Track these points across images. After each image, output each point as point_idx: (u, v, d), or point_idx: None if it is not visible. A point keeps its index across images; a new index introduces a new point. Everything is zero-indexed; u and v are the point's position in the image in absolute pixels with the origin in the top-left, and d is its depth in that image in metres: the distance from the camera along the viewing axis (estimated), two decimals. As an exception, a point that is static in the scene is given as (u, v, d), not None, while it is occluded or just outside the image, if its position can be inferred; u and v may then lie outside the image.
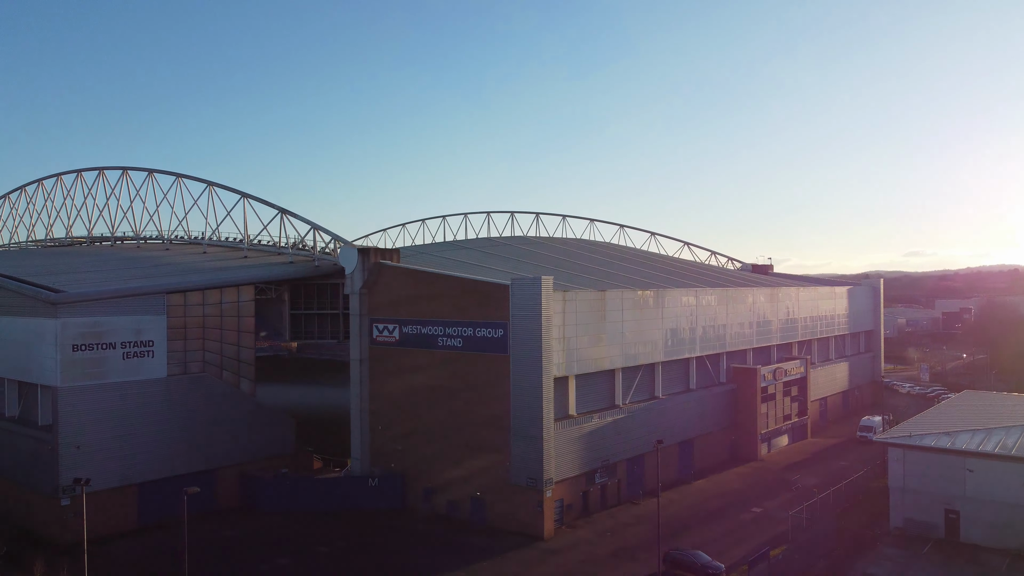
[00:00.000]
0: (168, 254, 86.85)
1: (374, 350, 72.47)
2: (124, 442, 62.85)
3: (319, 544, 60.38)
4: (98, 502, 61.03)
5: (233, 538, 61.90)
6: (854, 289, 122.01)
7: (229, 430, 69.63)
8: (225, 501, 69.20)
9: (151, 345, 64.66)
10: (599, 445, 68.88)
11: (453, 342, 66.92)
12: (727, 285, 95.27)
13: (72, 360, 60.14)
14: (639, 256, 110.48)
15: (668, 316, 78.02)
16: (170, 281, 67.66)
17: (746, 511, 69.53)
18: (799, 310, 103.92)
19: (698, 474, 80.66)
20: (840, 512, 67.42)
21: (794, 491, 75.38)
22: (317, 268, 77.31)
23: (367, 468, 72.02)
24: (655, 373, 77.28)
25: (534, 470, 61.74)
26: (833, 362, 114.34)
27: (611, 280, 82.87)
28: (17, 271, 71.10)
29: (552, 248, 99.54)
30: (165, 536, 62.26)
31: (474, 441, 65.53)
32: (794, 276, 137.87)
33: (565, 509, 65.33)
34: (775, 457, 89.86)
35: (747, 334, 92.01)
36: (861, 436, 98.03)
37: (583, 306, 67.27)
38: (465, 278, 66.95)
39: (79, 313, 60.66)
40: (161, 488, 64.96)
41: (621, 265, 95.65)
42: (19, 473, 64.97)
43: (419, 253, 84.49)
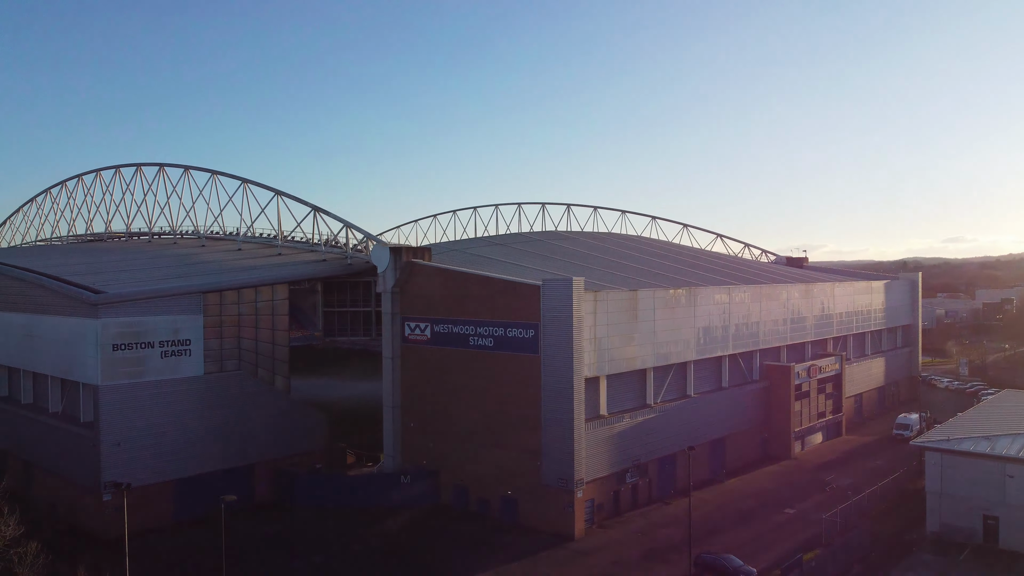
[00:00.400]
0: (204, 251, 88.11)
1: (406, 348, 73.00)
2: (162, 439, 64.15)
3: (353, 542, 61.23)
4: (137, 497, 62.20)
5: (268, 535, 62.98)
6: (891, 283, 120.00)
7: (264, 426, 70.71)
8: (261, 496, 70.38)
9: (188, 344, 65.80)
10: (630, 445, 68.82)
11: (484, 342, 67.15)
12: (761, 281, 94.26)
13: (112, 359, 61.46)
14: (671, 250, 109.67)
15: (700, 314, 77.45)
16: (206, 281, 68.71)
17: (779, 512, 69.05)
18: (834, 305, 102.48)
19: (730, 473, 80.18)
20: (875, 515, 66.75)
21: (828, 492, 74.73)
22: (349, 266, 77.96)
23: (399, 465, 72.75)
24: (687, 372, 76.86)
25: (565, 471, 61.90)
26: (869, 358, 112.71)
27: (642, 277, 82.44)
28: (58, 270, 72.72)
29: (583, 243, 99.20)
30: (202, 531, 63.49)
31: (505, 440, 65.82)
32: (829, 269, 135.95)
33: (596, 509, 65.46)
34: (808, 455, 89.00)
35: (781, 331, 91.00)
36: (897, 434, 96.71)
37: (614, 306, 67.06)
38: (496, 278, 67.06)
39: (119, 313, 61.91)
40: (198, 484, 66.30)
41: (653, 261, 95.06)
42: (63, 467, 66.75)
43: (450, 250, 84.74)
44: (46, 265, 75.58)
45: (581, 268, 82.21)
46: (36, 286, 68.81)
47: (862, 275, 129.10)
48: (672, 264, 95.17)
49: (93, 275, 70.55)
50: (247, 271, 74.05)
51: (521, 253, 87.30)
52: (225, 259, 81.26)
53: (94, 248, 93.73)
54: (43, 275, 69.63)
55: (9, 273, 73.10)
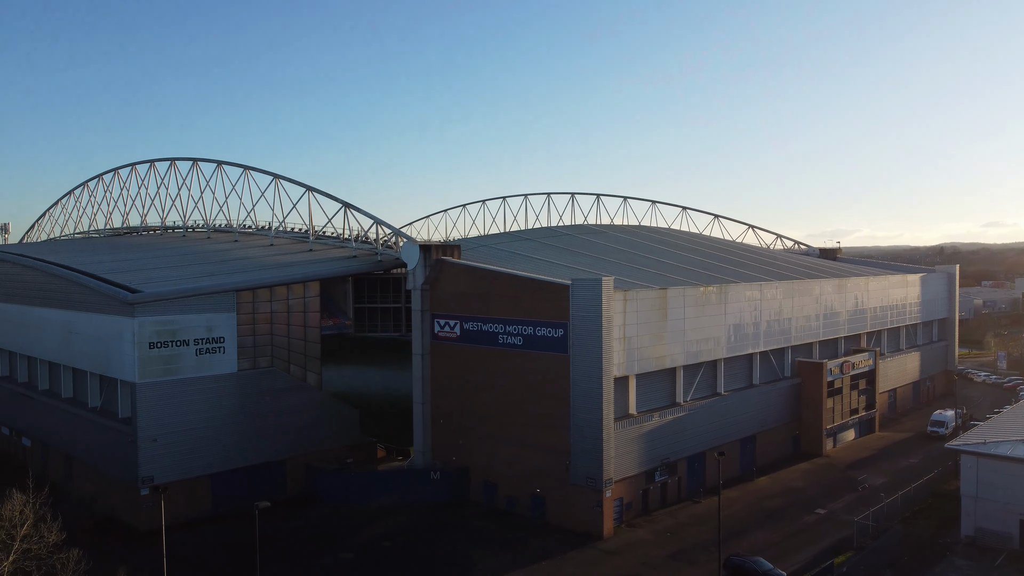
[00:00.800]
0: (236, 246, 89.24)
1: (435, 345, 73.41)
2: (198, 434, 65.34)
3: (382, 538, 61.99)
4: (173, 492, 63.46)
5: (299, 530, 64.01)
6: (927, 276, 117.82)
7: (297, 422, 71.68)
8: (293, 490, 71.46)
9: (222, 341, 66.82)
10: (659, 444, 68.69)
11: (513, 340, 67.28)
12: (793, 276, 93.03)
13: (149, 357, 62.65)
14: (701, 243, 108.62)
15: (731, 312, 76.80)
16: (240, 279, 69.60)
17: (809, 512, 68.54)
18: (868, 300, 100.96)
19: (760, 470, 79.67)
20: (908, 517, 65.98)
21: (860, 492, 74.02)
22: (379, 262, 78.44)
23: (428, 461, 73.36)
24: (717, 369, 76.37)
25: (593, 470, 61.99)
26: (904, 352, 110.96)
27: (672, 273, 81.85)
28: (96, 267, 74.16)
29: (612, 237, 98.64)
30: (236, 525, 64.78)
31: (533, 439, 66.03)
32: (863, 261, 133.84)
33: (625, 508, 65.53)
34: (840, 453, 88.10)
35: (813, 327, 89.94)
36: (932, 431, 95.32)
37: (644, 305, 66.76)
38: (525, 277, 67.05)
39: (155, 312, 63.02)
40: (233, 478, 67.60)
41: (683, 255, 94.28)
42: (101, 461, 68.37)
43: (478, 246, 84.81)
44: (84, 262, 77.08)
45: (610, 264, 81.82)
46: (75, 284, 70.20)
47: (897, 267, 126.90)
48: (702, 259, 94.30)
49: (130, 273, 71.83)
50: (279, 268, 74.87)
51: (549, 248, 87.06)
52: (257, 255, 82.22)
53: (130, 244, 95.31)
54: (81, 273, 71.04)
55: (49, 271, 74.67)
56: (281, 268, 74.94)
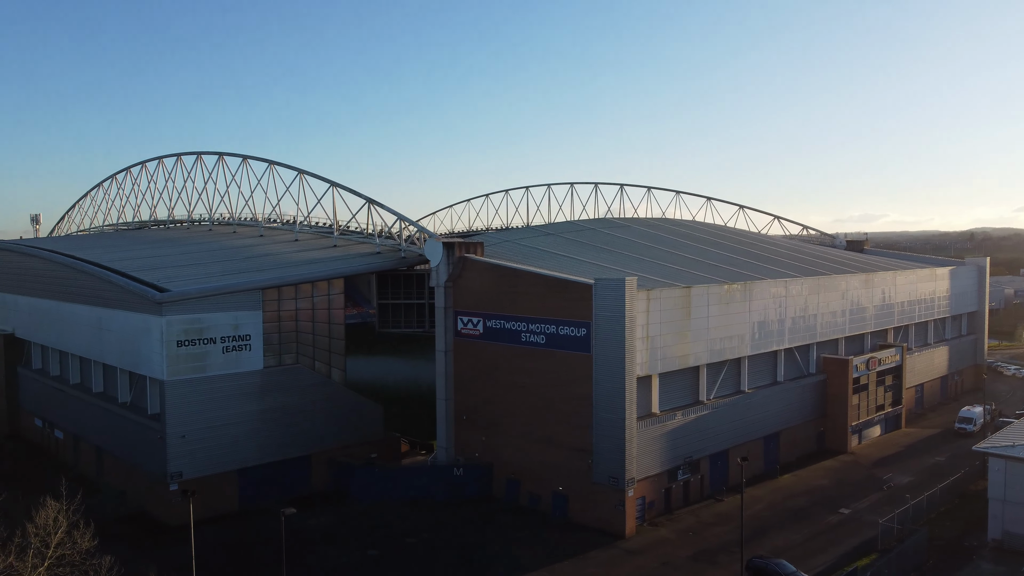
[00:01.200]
0: (262, 241, 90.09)
1: (458, 342, 73.75)
2: (225, 431, 66.34)
3: (406, 535, 62.66)
4: (201, 487, 64.71)
5: (324, 526, 64.84)
6: (957, 269, 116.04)
7: (322, 417, 72.48)
8: (318, 485, 72.38)
9: (248, 339, 67.64)
10: (682, 442, 68.61)
11: (536, 339, 67.40)
12: (819, 271, 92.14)
13: (177, 355, 63.60)
14: (726, 237, 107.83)
15: (755, 309, 76.28)
16: (265, 277, 70.31)
17: (833, 512, 68.17)
18: (896, 294, 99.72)
19: (784, 468, 79.32)
20: (934, 518, 65.46)
21: (885, 491, 73.50)
22: (403, 259, 78.81)
23: (452, 457, 73.92)
24: (741, 367, 75.99)
25: (616, 470, 62.12)
26: (932, 346, 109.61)
27: (696, 269, 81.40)
28: (125, 265, 75.28)
29: (635, 231, 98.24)
30: (263, 520, 65.76)
31: (556, 437, 66.27)
32: (891, 253, 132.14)
33: (647, 506, 65.64)
34: (866, 449, 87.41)
35: (839, 323, 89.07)
36: (959, 428, 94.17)
37: (667, 304, 66.51)
38: (548, 276, 67.03)
39: (183, 310, 63.90)
40: (259, 473, 68.61)
41: (707, 250, 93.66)
42: (131, 456, 69.68)
43: (503, 241, 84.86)
44: (113, 259, 78.25)
45: (633, 260, 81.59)
46: (105, 282, 71.30)
47: (925, 260, 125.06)
48: (727, 253, 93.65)
49: (158, 271, 72.82)
50: (304, 265, 75.47)
51: (572, 244, 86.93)
52: (282, 251, 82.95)
53: (158, 239, 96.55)
54: (111, 271, 72.16)
55: (80, 268, 75.90)
56: (306, 265, 75.54)
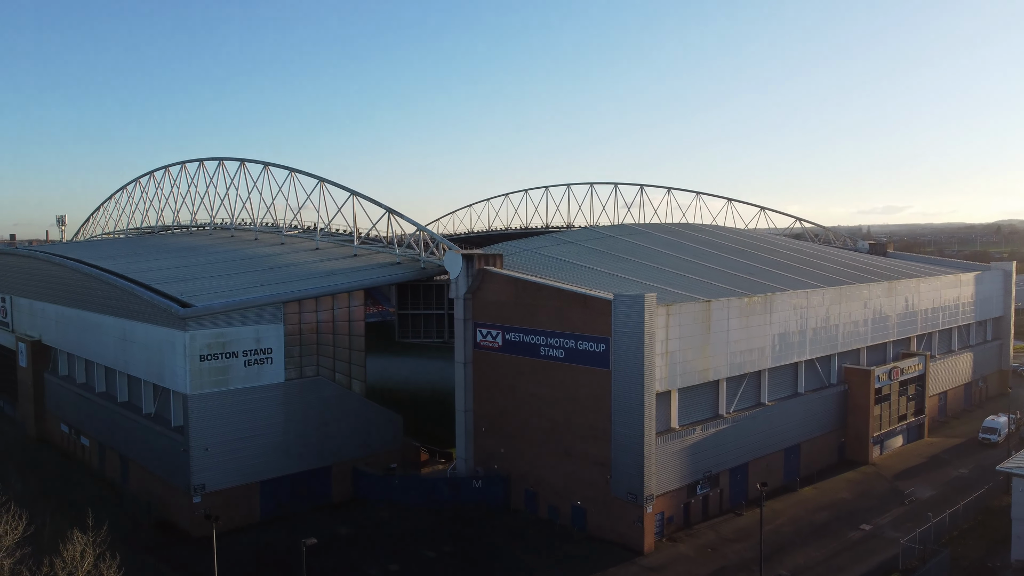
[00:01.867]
0: (283, 250, 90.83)
1: (478, 354, 74.02)
2: (247, 443, 67.09)
3: (427, 548, 63.10)
4: (224, 498, 65.99)
5: (346, 537, 65.48)
6: (982, 275, 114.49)
7: (342, 428, 73.08)
8: (339, 495, 73.05)
9: (270, 352, 68.29)
10: (702, 457, 68.48)
11: (555, 352, 67.49)
12: (841, 279, 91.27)
13: (200, 369, 64.37)
14: (746, 243, 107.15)
15: (776, 321, 75.84)
16: (287, 290, 70.86)
17: (854, 528, 67.77)
18: (919, 302, 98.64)
19: (805, 480, 78.91)
20: (956, 536, 64.92)
21: (907, 505, 72.97)
22: (423, 270, 79.16)
23: (471, 468, 74.32)
24: (761, 379, 75.63)
25: (635, 485, 62.16)
26: (956, 353, 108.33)
27: (716, 279, 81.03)
28: (149, 276, 76.23)
29: (655, 239, 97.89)
30: (285, 530, 66.72)
31: (575, 451, 66.40)
32: (914, 256, 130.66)
33: (666, 521, 65.64)
34: (888, 460, 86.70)
35: (861, 332, 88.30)
36: (983, 439, 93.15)
37: (687, 318, 66.32)
38: (567, 290, 67.02)
39: (205, 325, 64.62)
40: (281, 484, 69.37)
41: (727, 258, 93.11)
42: (156, 466, 70.68)
43: (521, 251, 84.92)
44: (138, 270, 79.24)
45: (653, 270, 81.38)
46: (130, 295, 72.20)
47: (950, 264, 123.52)
48: (747, 261, 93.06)
49: (181, 283, 73.65)
50: (325, 277, 75.99)
51: (592, 253, 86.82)
52: (303, 261, 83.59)
53: (181, 247, 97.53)
54: (136, 283, 73.09)
55: (106, 279, 76.87)
56: (326, 277, 76.05)
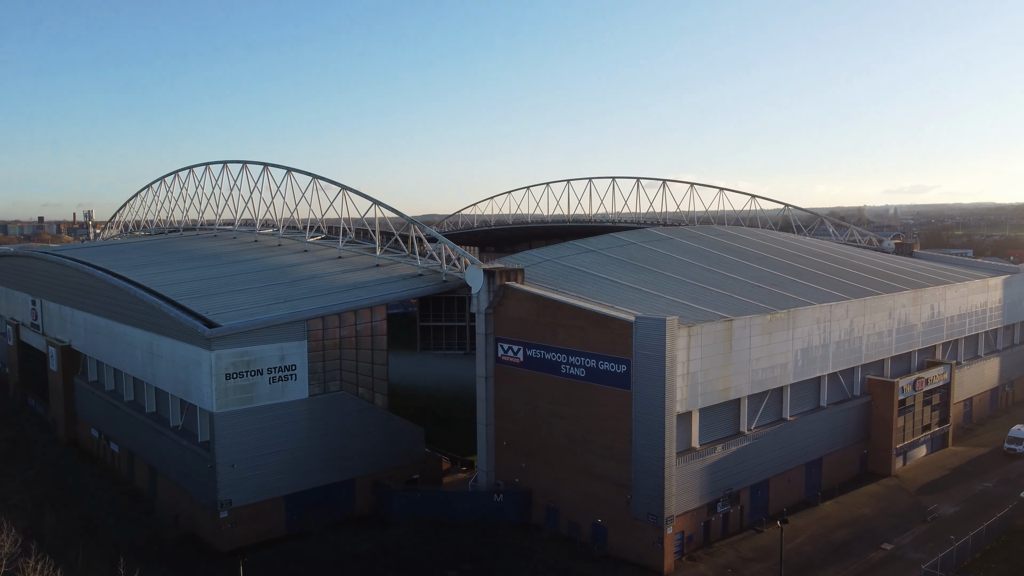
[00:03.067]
0: (306, 259, 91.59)
1: (499, 368, 74.41)
2: (272, 458, 68.17)
3: (447, 567, 63.92)
4: (250, 513, 67.27)
5: (367, 554, 66.47)
6: (1011, 279, 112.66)
7: (365, 442, 73.96)
8: (361, 508, 74.08)
9: (294, 369, 69.14)
10: (722, 475, 68.57)
11: (575, 371, 67.67)
12: (866, 288, 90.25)
13: (226, 388, 65.38)
14: (769, 247, 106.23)
15: (799, 336, 75.40)
16: (310, 308, 71.50)
17: (875, 548, 67.62)
18: (945, 309, 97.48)
19: (826, 494, 78.63)
20: (978, 558, 64.64)
21: (929, 523, 72.67)
22: (445, 283, 79.54)
23: (492, 481, 74.98)
24: (783, 394, 75.36)
25: (655, 507, 62.45)
26: (982, 359, 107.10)
27: (738, 290, 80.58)
28: (174, 290, 77.31)
29: (676, 245, 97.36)
30: (309, 544, 67.95)
31: (595, 470, 66.73)
32: (942, 259, 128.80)
33: (686, 541, 65.94)
34: (911, 472, 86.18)
35: (885, 343, 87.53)
36: (1009, 449, 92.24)
37: (708, 339, 66.15)
38: (589, 310, 67.00)
39: (231, 344, 65.52)
40: (305, 498, 70.46)
41: (748, 266, 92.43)
42: (183, 480, 72.05)
43: (543, 260, 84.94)
44: (164, 283, 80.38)
45: (674, 282, 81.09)
46: (157, 311, 73.26)
47: (978, 266, 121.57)
48: (769, 269, 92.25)
49: (206, 298, 74.62)
50: (347, 292, 76.59)
51: (613, 263, 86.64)
52: (326, 272, 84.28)
53: (206, 254, 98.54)
54: (163, 299, 74.21)
55: (134, 294, 77.98)
56: (349, 292, 76.65)
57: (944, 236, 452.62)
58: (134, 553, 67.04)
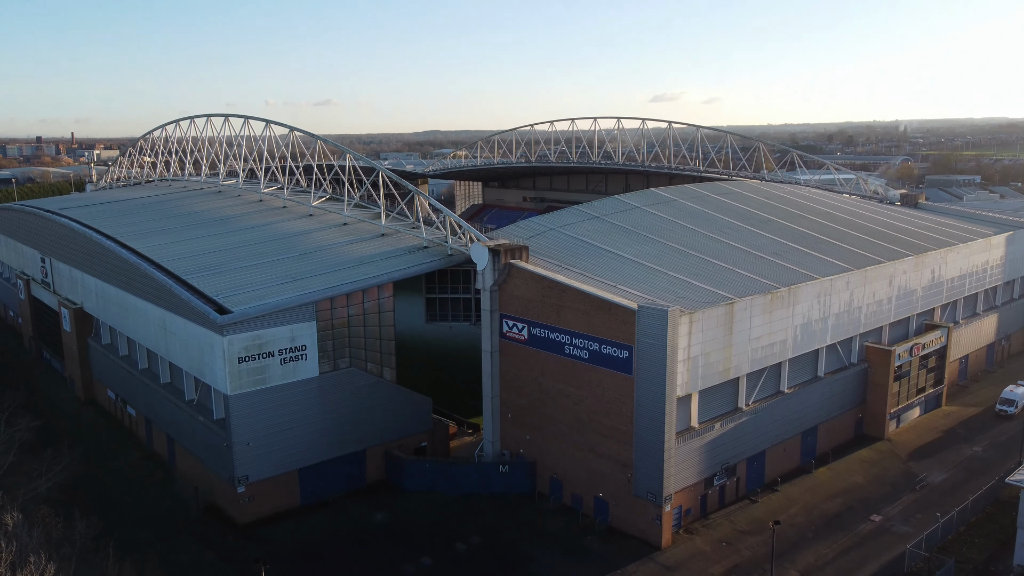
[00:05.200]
0: (312, 225, 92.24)
1: (504, 344, 76.05)
2: (285, 435, 70.62)
3: (456, 539, 67.10)
4: (266, 487, 70.25)
5: (379, 525, 69.64)
6: (1015, 235, 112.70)
7: (375, 415, 76.30)
8: (372, 476, 77.07)
9: (304, 349, 70.83)
10: (720, 450, 71.03)
11: (579, 352, 69.26)
12: (867, 253, 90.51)
13: (239, 371, 67.23)
14: (772, 204, 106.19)
15: (799, 312, 76.60)
16: (319, 288, 72.56)
17: (864, 519, 70.53)
18: (946, 272, 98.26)
19: (820, 459, 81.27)
20: (963, 531, 67.57)
21: (918, 492, 75.54)
22: (450, 257, 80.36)
23: (497, 451, 77.73)
24: (781, 369, 77.13)
25: (654, 487, 65.09)
26: (980, 316, 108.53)
27: (739, 262, 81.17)
28: (183, 265, 78.35)
29: (680, 208, 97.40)
30: (323, 515, 71.31)
31: (598, 448, 69.13)
32: (948, 211, 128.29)
33: (683, 514, 68.91)
34: (904, 435, 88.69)
35: (885, 310, 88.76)
36: (1000, 410, 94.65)
37: (710, 323, 67.43)
38: (593, 295, 67.96)
39: (243, 329, 67.01)
40: (318, 470, 73.30)
41: (750, 232, 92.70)
42: (200, 453, 74.79)
43: (548, 230, 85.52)
44: (172, 256, 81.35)
45: (677, 255, 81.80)
46: (168, 291, 74.48)
47: (983, 220, 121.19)
48: (771, 236, 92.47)
49: (215, 275, 75.75)
50: (354, 268, 77.47)
51: (617, 231, 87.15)
52: (332, 243, 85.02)
53: (213, 218, 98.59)
54: (173, 278, 75.30)
55: (144, 270, 78.98)
56: (356, 268, 77.54)
57: (952, 161, 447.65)
58: (160, 523, 70.86)
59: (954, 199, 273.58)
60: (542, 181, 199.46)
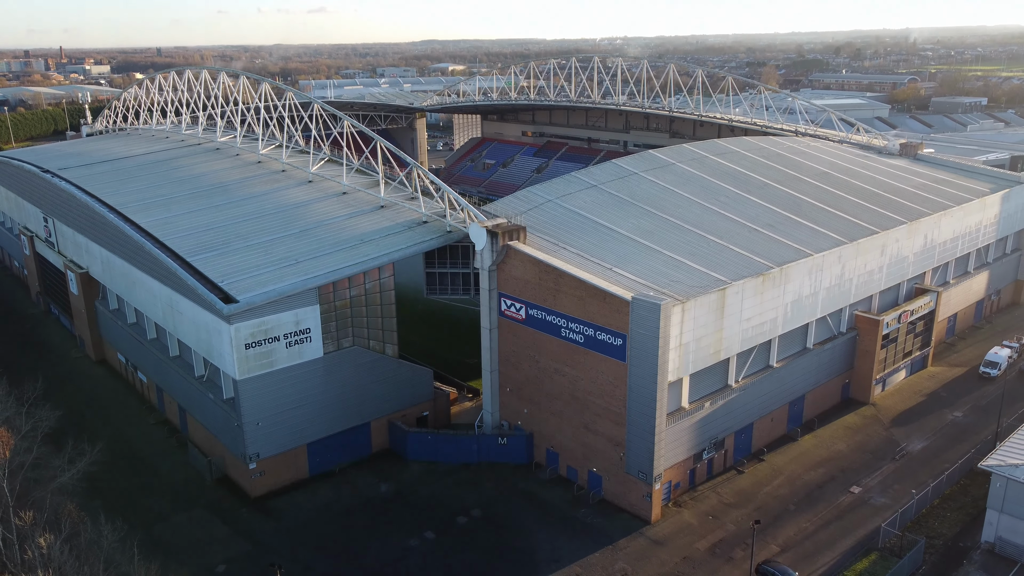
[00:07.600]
0: (311, 194, 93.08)
1: (503, 321, 78.26)
2: (293, 413, 73.71)
3: (457, 513, 71.06)
4: (276, 463, 73.88)
5: (384, 497, 73.50)
6: (1010, 192, 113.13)
7: (378, 389, 79.24)
8: (377, 445, 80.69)
9: (308, 332, 73.07)
10: (710, 427, 74.18)
11: (575, 336, 71.51)
12: (860, 222, 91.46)
13: (246, 356, 69.66)
14: (770, 166, 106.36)
15: (790, 291, 78.44)
16: (322, 272, 74.15)
17: (845, 491, 74.14)
18: (939, 235, 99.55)
19: (806, 426, 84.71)
20: (936, 504, 71.30)
21: (898, 461, 79.09)
22: (449, 234, 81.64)
23: (497, 422, 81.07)
24: (771, 344, 79.51)
25: (645, 466, 68.48)
26: (971, 275, 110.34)
27: (734, 238, 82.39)
28: (186, 244, 79.79)
29: (678, 175, 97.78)
30: (331, 486, 75.21)
31: (592, 425, 72.26)
32: (944, 163, 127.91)
33: (673, 488, 72.62)
34: (888, 400, 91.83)
35: (875, 280, 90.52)
36: (984, 372, 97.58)
37: (702, 310, 69.37)
38: (588, 283, 69.59)
39: (249, 317, 69.05)
40: (325, 444, 76.80)
41: (746, 200, 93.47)
42: (213, 427, 78.04)
43: (545, 202, 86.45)
44: (175, 233, 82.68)
45: (673, 230, 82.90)
46: (174, 275, 76.12)
47: (981, 174, 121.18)
48: (767, 204, 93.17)
49: (219, 257, 77.30)
50: (355, 248, 78.79)
51: (614, 201, 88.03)
52: (332, 217, 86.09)
53: (212, 186, 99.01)
54: (178, 260, 76.83)
55: (149, 251, 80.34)
56: (356, 248, 78.85)
57: (959, 80, 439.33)
58: (175, 494, 74.75)
59: (958, 127, 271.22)
60: (542, 115, 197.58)
